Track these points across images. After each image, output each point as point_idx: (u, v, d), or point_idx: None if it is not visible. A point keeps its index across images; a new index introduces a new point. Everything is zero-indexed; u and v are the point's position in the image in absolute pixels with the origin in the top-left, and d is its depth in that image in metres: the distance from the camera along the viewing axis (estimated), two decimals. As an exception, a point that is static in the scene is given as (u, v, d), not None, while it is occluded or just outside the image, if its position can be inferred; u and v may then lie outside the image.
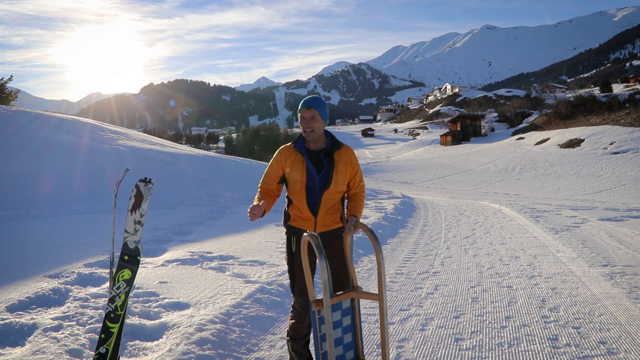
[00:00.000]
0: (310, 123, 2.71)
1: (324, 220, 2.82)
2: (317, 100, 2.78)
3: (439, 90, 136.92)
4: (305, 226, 2.82)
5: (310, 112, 2.71)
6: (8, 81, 19.59)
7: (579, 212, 11.42)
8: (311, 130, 2.72)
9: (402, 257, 6.61)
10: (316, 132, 2.74)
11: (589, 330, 3.77)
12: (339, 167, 2.77)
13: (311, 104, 2.73)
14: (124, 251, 2.49)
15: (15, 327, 3.31)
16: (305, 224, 2.83)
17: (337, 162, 2.77)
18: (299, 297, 2.90)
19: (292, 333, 2.99)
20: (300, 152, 2.80)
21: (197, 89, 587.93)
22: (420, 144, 62.43)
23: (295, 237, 2.86)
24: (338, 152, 2.80)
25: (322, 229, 2.82)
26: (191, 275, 4.86)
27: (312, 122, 2.71)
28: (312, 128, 2.72)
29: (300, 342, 2.98)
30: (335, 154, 2.79)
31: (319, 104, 2.76)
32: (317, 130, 2.73)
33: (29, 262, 4.93)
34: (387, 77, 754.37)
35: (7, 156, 9.86)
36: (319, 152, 2.81)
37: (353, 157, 2.85)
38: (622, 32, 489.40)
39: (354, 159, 2.85)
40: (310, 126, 2.71)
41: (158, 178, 9.11)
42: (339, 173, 2.77)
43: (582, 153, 30.79)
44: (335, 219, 2.85)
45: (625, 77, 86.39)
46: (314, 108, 2.72)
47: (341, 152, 2.82)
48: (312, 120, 2.71)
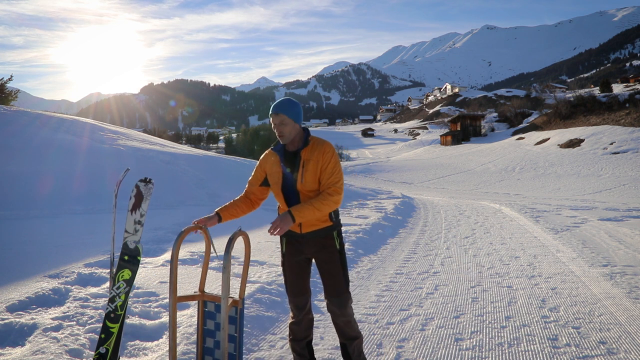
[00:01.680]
0: (280, 128, 2.70)
1: (310, 220, 2.73)
2: (284, 103, 2.73)
3: (439, 90, 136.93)
4: (293, 228, 2.77)
5: (279, 117, 2.69)
6: (8, 81, 19.59)
7: (579, 212, 11.42)
8: (281, 135, 2.72)
9: (402, 257, 6.61)
10: (287, 136, 2.72)
11: (589, 330, 3.77)
12: (308, 165, 2.70)
13: (279, 109, 2.70)
14: (124, 251, 2.49)
15: (15, 327, 3.31)
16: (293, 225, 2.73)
17: (306, 160, 2.71)
18: (292, 297, 2.90)
19: (291, 334, 2.99)
20: (277, 154, 2.80)
21: (197, 89, 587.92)
22: (420, 144, 62.42)
23: (285, 238, 2.85)
24: (306, 149, 2.73)
25: (309, 228, 2.75)
26: (191, 275, 4.87)
27: (282, 127, 2.70)
28: (282, 133, 2.71)
29: (300, 343, 2.97)
30: (302, 151, 2.73)
31: (286, 107, 2.71)
32: (287, 134, 2.71)
33: (29, 262, 4.93)
34: (387, 77, 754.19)
35: (7, 156, 9.86)
36: (296, 152, 2.78)
37: (325, 154, 2.71)
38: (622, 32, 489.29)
39: (326, 155, 2.70)
40: (280, 131, 2.71)
41: (158, 178, 9.10)
42: (308, 171, 2.69)
43: (582, 153, 30.78)
44: (321, 217, 2.74)
45: (625, 77, 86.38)
46: (282, 113, 2.69)
47: (312, 149, 2.73)
48: (282, 125, 2.69)
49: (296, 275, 2.87)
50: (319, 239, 2.79)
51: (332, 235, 2.81)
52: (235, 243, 2.47)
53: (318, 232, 2.78)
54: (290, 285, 2.89)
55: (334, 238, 2.81)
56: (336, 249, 2.81)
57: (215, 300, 2.64)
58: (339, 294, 2.80)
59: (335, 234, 2.82)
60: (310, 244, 2.80)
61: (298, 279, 2.88)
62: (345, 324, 2.86)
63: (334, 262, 2.81)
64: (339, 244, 2.84)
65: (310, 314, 2.99)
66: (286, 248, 2.87)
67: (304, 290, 2.90)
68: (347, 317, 2.85)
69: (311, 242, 2.79)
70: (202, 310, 2.67)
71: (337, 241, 2.82)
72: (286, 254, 2.88)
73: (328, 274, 2.81)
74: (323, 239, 2.79)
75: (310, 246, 2.80)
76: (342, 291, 2.81)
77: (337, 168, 2.74)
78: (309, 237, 2.78)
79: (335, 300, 2.81)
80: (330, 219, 2.79)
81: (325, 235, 2.80)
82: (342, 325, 2.87)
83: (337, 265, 2.81)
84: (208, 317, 2.66)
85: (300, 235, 2.78)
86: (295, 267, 2.87)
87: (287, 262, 2.88)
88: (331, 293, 2.81)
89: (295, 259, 2.86)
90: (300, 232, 2.77)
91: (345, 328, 2.89)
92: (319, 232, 2.78)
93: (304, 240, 2.80)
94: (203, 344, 2.64)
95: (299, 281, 2.88)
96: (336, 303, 2.81)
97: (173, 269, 2.53)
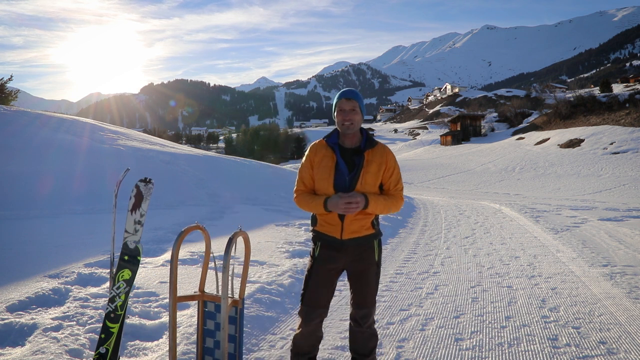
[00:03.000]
0: (351, 115, 2.46)
1: (352, 226, 2.51)
2: (356, 91, 2.54)
3: (439, 90, 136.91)
4: (331, 231, 2.54)
5: (351, 103, 2.46)
6: (8, 81, 19.59)
7: (579, 212, 11.42)
8: (351, 123, 2.46)
9: (402, 257, 6.61)
10: (355, 126, 2.49)
11: (589, 330, 3.77)
12: (371, 167, 2.49)
13: (352, 95, 2.49)
14: (124, 251, 2.49)
15: (15, 327, 3.31)
16: (332, 229, 2.55)
17: (368, 161, 2.50)
18: (308, 308, 2.61)
19: (295, 347, 2.75)
20: (331, 148, 2.54)
21: (197, 89, 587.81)
22: (420, 144, 62.41)
23: (320, 243, 2.60)
24: (371, 150, 2.53)
25: (350, 235, 2.52)
26: (191, 275, 4.86)
27: (353, 115, 2.46)
28: (352, 121, 2.46)
29: (301, 358, 2.75)
30: (367, 152, 2.52)
31: (358, 95, 2.52)
32: (356, 123, 2.48)
33: (29, 262, 4.93)
34: (387, 77, 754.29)
35: (7, 156, 9.86)
36: (353, 149, 2.55)
37: (389, 158, 2.55)
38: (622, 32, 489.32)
39: (391, 161, 2.55)
40: (351, 119, 2.46)
41: (158, 178, 9.10)
42: (370, 174, 2.49)
43: (582, 153, 30.78)
44: (365, 224, 2.53)
45: (625, 77, 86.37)
46: (355, 99, 2.48)
47: (375, 150, 2.54)
48: (353, 113, 2.46)
49: (322, 286, 2.60)
50: (359, 247, 2.56)
51: (373, 245, 2.60)
52: (235, 243, 2.47)
53: (359, 240, 2.54)
54: (311, 294, 2.60)
55: (374, 248, 2.60)
56: (375, 260, 2.60)
57: (215, 300, 2.64)
58: (368, 305, 2.62)
59: (376, 243, 2.61)
60: (349, 252, 2.55)
61: (323, 289, 2.60)
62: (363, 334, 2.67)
63: (370, 274, 2.59)
64: (378, 255, 2.62)
65: (320, 331, 2.74)
66: (319, 253, 2.60)
67: (324, 303, 2.62)
68: (368, 329, 2.66)
69: (350, 250, 2.54)
70: (202, 310, 2.67)
71: (377, 252, 2.61)
72: (318, 260, 2.60)
73: (361, 285, 2.59)
74: (363, 248, 2.57)
75: (348, 255, 2.56)
76: (371, 303, 2.63)
77: (400, 175, 2.61)
78: (348, 245, 2.53)
79: (362, 312, 2.61)
80: (373, 227, 2.57)
81: (366, 244, 2.57)
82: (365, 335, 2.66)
83: (373, 278, 2.60)
84: (208, 317, 2.66)
85: (340, 242, 2.53)
86: (324, 276, 2.59)
87: (316, 268, 2.60)
88: (360, 304, 2.61)
89: (327, 267, 2.59)
90: (340, 238, 2.53)
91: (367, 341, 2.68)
92: (360, 240, 2.55)
93: (342, 248, 2.54)
94: (203, 344, 2.64)
95: (323, 292, 2.60)
96: (361, 315, 2.62)
97: (173, 269, 2.53)
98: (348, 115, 2.46)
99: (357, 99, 2.49)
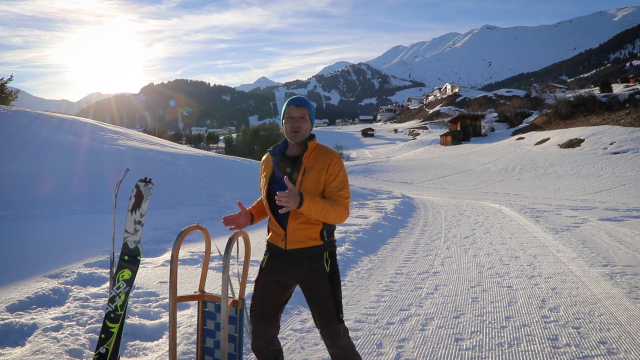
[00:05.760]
0: (299, 123, 2.38)
1: (296, 235, 2.37)
2: (305, 99, 2.47)
3: (439, 90, 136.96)
4: (276, 241, 2.44)
5: (301, 110, 2.39)
6: (8, 81, 19.60)
7: (579, 212, 11.42)
8: (297, 130, 2.38)
9: (402, 257, 6.61)
10: (303, 134, 2.40)
11: (589, 330, 3.77)
12: (310, 173, 2.36)
13: (301, 102, 2.42)
14: (124, 251, 2.49)
15: (15, 327, 3.31)
16: (276, 238, 2.44)
17: (307, 167, 2.37)
18: (255, 320, 2.47)
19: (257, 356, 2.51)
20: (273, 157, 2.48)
21: (197, 89, 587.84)
22: (420, 144, 62.41)
23: (269, 253, 2.50)
24: (312, 156, 2.41)
25: (295, 245, 2.38)
26: (191, 275, 4.87)
27: (301, 122, 2.39)
28: (299, 129, 2.38)
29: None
30: (305, 157, 2.40)
31: (308, 103, 2.45)
32: (304, 132, 2.40)
33: (29, 262, 4.93)
34: (387, 77, 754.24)
35: (8, 156, 9.86)
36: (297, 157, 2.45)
37: (333, 163, 2.38)
38: (622, 32, 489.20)
39: (335, 167, 2.38)
40: (299, 127, 2.38)
41: (158, 178, 9.10)
42: (309, 181, 2.35)
43: (582, 153, 30.78)
44: (311, 234, 2.37)
45: (625, 77, 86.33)
46: (305, 107, 2.41)
47: (316, 156, 2.40)
48: (302, 120, 2.39)
49: (267, 298, 2.45)
50: (306, 259, 2.41)
51: (323, 257, 2.42)
52: (235, 243, 2.47)
53: (305, 251, 2.39)
54: (257, 305, 2.46)
55: (324, 260, 2.42)
56: (326, 272, 2.41)
57: (215, 300, 2.64)
58: (329, 324, 2.40)
59: (327, 255, 2.43)
60: (296, 264, 2.41)
61: (268, 302, 2.45)
62: (338, 357, 2.43)
63: (322, 288, 2.40)
64: (330, 267, 2.43)
65: (274, 345, 2.50)
66: (266, 264, 2.50)
67: (270, 318, 2.45)
68: (341, 350, 2.41)
69: (297, 262, 2.41)
70: (202, 310, 2.67)
71: (328, 264, 2.42)
72: (264, 270, 2.50)
73: (315, 301, 2.41)
74: (311, 260, 2.41)
75: (295, 267, 2.41)
76: (332, 321, 2.39)
77: (346, 183, 2.41)
78: (294, 256, 2.40)
79: (326, 331, 2.41)
80: (322, 238, 2.40)
81: (314, 256, 2.41)
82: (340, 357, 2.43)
83: (326, 292, 2.40)
84: (208, 317, 2.66)
85: (285, 252, 2.40)
86: (269, 288, 2.45)
87: (262, 278, 2.49)
88: (319, 322, 2.42)
89: (273, 279, 2.45)
90: (284, 248, 2.40)
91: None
92: (306, 252, 2.39)
93: (288, 259, 2.42)
94: (203, 344, 2.64)
95: (267, 305, 2.45)
96: (327, 334, 2.41)
97: (173, 269, 2.52)
98: (297, 123, 2.39)
99: (307, 106, 2.43)
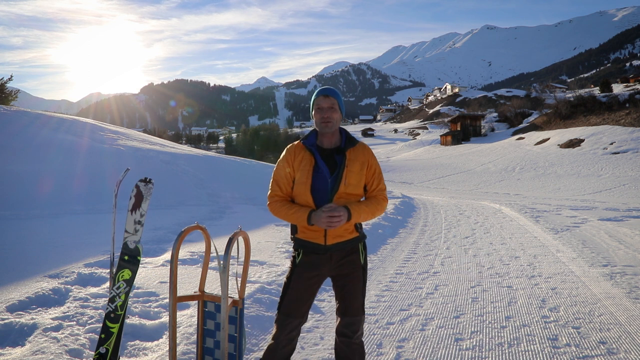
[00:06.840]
0: (329, 113, 2.37)
1: (336, 230, 2.38)
2: (334, 89, 2.46)
3: (439, 90, 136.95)
4: (313, 237, 2.41)
5: (330, 100, 2.38)
6: (8, 81, 19.60)
7: (579, 212, 11.42)
8: (328, 121, 2.37)
9: (402, 257, 6.61)
10: (334, 125, 2.39)
11: (589, 330, 3.77)
12: (353, 166, 2.39)
13: (330, 93, 2.41)
14: (124, 251, 2.49)
15: (15, 327, 3.31)
16: (314, 235, 2.41)
17: (350, 160, 2.39)
18: (285, 317, 2.43)
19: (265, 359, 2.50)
20: (309, 150, 2.42)
21: (197, 89, 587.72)
22: (420, 144, 62.41)
23: (302, 250, 2.47)
24: (353, 149, 2.43)
25: (334, 239, 2.40)
26: (191, 275, 4.86)
27: (331, 112, 2.37)
28: (331, 119, 2.37)
29: None
30: (348, 151, 2.41)
31: (337, 93, 2.45)
32: (335, 122, 2.39)
33: (29, 262, 4.93)
34: (387, 77, 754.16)
35: (8, 156, 9.86)
36: (332, 150, 2.44)
37: (371, 157, 2.46)
38: (622, 32, 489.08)
39: (372, 159, 2.47)
40: (329, 117, 2.37)
41: (158, 178, 9.11)
42: (353, 173, 2.38)
43: (582, 153, 30.78)
44: (348, 227, 2.41)
45: (625, 77, 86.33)
46: (334, 97, 2.40)
47: (357, 149, 2.44)
48: (331, 110, 2.37)
49: (303, 295, 2.44)
50: (344, 251, 2.44)
51: (359, 249, 2.48)
52: (235, 243, 2.47)
53: (344, 244, 2.43)
54: (290, 302, 2.44)
55: (359, 252, 2.48)
56: (360, 264, 2.47)
57: (215, 300, 2.64)
58: (356, 314, 2.46)
59: (362, 246, 2.50)
60: (334, 257, 2.43)
61: (303, 298, 2.45)
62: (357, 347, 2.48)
63: (356, 279, 2.46)
64: (364, 258, 2.50)
65: (295, 343, 2.52)
66: (301, 259, 2.47)
67: (302, 313, 2.46)
68: (359, 340, 2.49)
69: (335, 255, 2.43)
70: (202, 310, 2.67)
71: (363, 255, 2.49)
72: (299, 267, 2.46)
73: (348, 291, 2.45)
74: (348, 252, 2.45)
75: (332, 260, 2.43)
76: (359, 311, 2.47)
77: (381, 175, 2.50)
78: (334, 250, 2.41)
79: (351, 320, 2.45)
80: (357, 230, 2.46)
81: (352, 248, 2.46)
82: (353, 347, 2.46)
83: (359, 283, 2.46)
84: (208, 317, 2.66)
85: (325, 248, 2.40)
86: (305, 284, 2.44)
87: (297, 276, 2.45)
88: (347, 312, 2.45)
89: (309, 274, 2.44)
90: (324, 244, 2.40)
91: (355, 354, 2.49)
92: (345, 244, 2.43)
93: (327, 254, 2.42)
94: (203, 344, 2.64)
95: (303, 301, 2.45)
96: (349, 325, 2.46)
97: (173, 269, 2.53)
98: (327, 113, 2.38)
99: (336, 96, 2.43)
